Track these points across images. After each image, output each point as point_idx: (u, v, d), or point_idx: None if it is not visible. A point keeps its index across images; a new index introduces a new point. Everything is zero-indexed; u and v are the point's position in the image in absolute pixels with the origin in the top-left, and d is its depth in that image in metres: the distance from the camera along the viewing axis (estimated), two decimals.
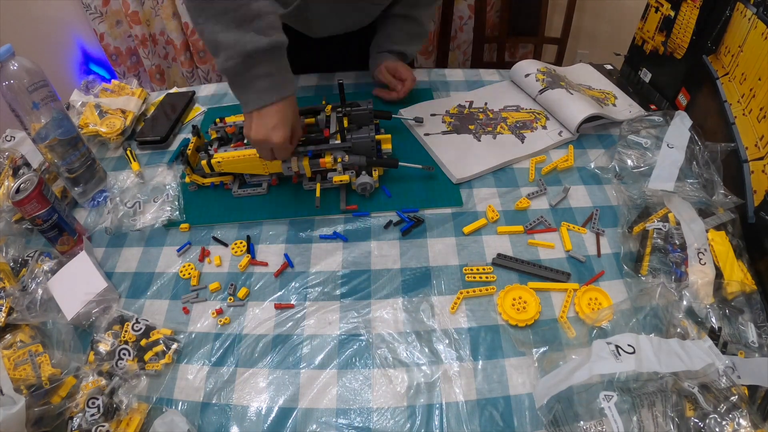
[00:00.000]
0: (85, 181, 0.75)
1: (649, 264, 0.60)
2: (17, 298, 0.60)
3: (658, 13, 0.83)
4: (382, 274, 0.64)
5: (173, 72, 1.97)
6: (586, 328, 0.56)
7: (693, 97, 0.78)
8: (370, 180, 0.70)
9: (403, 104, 0.89)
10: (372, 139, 0.72)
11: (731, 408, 0.45)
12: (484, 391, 0.52)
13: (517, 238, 0.67)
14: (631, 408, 0.45)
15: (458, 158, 0.77)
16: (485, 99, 0.90)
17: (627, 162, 0.72)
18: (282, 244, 0.68)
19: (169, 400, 0.54)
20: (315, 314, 0.60)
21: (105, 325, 0.59)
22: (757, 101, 0.63)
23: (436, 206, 0.71)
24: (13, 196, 0.62)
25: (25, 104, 0.65)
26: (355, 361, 0.56)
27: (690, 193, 0.65)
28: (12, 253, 0.66)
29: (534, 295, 0.59)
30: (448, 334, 0.57)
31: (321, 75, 1.01)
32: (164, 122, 0.89)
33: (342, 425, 0.51)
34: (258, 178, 0.76)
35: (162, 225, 0.72)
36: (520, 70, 0.92)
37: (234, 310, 0.61)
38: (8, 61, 0.62)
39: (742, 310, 0.55)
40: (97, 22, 1.73)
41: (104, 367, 0.55)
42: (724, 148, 0.68)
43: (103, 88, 0.93)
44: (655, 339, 0.50)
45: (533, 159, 0.78)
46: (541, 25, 1.66)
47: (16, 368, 0.54)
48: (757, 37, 0.63)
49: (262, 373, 0.55)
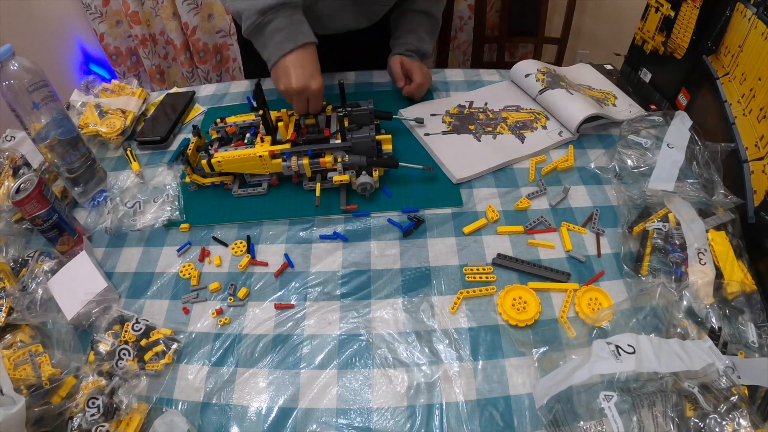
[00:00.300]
0: (85, 181, 0.75)
1: (649, 264, 0.60)
2: (17, 298, 0.60)
3: (658, 13, 0.83)
4: (382, 274, 0.64)
5: (173, 72, 1.97)
6: (586, 328, 0.56)
7: (693, 97, 0.78)
8: (370, 180, 0.70)
9: (403, 105, 0.89)
10: (372, 139, 0.72)
11: (731, 408, 0.45)
12: (484, 391, 0.52)
13: (517, 238, 0.67)
14: (631, 408, 0.45)
15: (458, 158, 0.77)
16: (485, 99, 0.90)
17: (627, 162, 0.72)
18: (282, 244, 0.68)
19: (169, 400, 0.54)
20: (315, 314, 0.60)
21: (105, 325, 0.59)
22: (757, 101, 0.63)
23: (436, 206, 0.71)
24: (13, 196, 0.62)
25: (25, 104, 0.65)
26: (355, 361, 0.56)
27: (690, 193, 0.65)
28: (12, 253, 0.66)
29: (534, 295, 0.59)
30: (448, 334, 0.57)
31: (322, 75, 1.01)
32: (164, 122, 0.89)
33: (342, 425, 0.51)
34: (258, 178, 0.76)
35: (162, 225, 0.72)
36: (520, 70, 0.92)
37: (234, 310, 0.61)
38: (8, 61, 0.62)
39: (742, 310, 0.55)
40: (97, 22, 1.73)
41: (104, 367, 0.55)
42: (724, 148, 0.68)
43: (103, 88, 0.93)
44: (655, 339, 0.50)
45: (533, 159, 0.78)
46: (541, 25, 1.67)
47: (16, 368, 0.54)
48: (757, 37, 0.63)
49: (262, 373, 0.55)
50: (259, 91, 0.70)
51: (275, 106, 0.79)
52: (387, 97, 0.93)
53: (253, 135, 0.76)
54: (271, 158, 0.71)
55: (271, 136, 0.74)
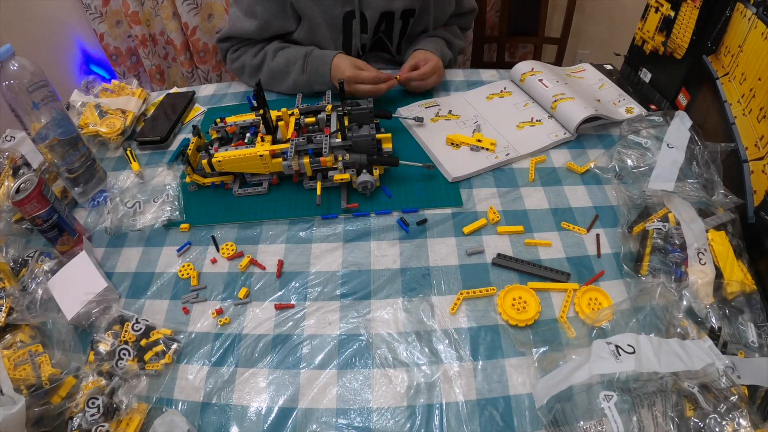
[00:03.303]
0: (85, 181, 0.75)
1: (649, 264, 0.60)
2: (17, 298, 0.60)
3: (658, 14, 0.83)
4: (382, 274, 0.64)
5: (173, 72, 1.97)
6: (586, 328, 0.56)
7: (693, 97, 0.78)
8: (371, 178, 0.70)
9: (403, 104, 0.89)
10: (372, 137, 0.72)
11: (731, 408, 0.45)
12: (484, 391, 0.52)
13: (517, 238, 0.67)
14: (631, 408, 0.45)
15: (455, 157, 0.78)
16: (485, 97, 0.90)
17: (627, 162, 0.72)
18: (282, 244, 0.68)
19: (169, 400, 0.54)
20: (315, 314, 0.60)
21: (105, 325, 0.59)
22: (757, 101, 0.63)
23: (436, 206, 0.71)
24: (13, 196, 0.62)
25: (25, 104, 0.65)
26: (355, 361, 0.56)
27: (690, 193, 0.65)
28: (12, 253, 0.66)
29: (534, 295, 0.59)
30: (448, 334, 0.57)
31: None
32: (164, 122, 0.89)
33: (342, 425, 0.51)
34: (258, 178, 0.76)
35: (162, 225, 0.72)
36: (521, 71, 0.92)
37: (234, 310, 0.61)
38: (8, 61, 0.62)
39: (742, 310, 0.55)
40: (97, 23, 1.73)
41: (104, 367, 0.55)
42: (724, 148, 0.68)
43: (103, 88, 0.93)
44: (655, 339, 0.50)
45: (533, 159, 0.78)
46: (541, 25, 1.66)
47: (16, 368, 0.54)
48: (757, 37, 0.63)
49: (262, 373, 0.55)
50: (259, 91, 0.70)
51: (275, 105, 0.79)
52: (386, 97, 0.93)
53: (253, 135, 0.76)
54: (271, 157, 0.71)
55: (271, 136, 0.74)
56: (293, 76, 0.91)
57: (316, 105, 0.79)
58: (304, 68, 0.89)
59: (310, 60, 0.89)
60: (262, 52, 0.93)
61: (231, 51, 0.97)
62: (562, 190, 0.73)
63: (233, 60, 0.97)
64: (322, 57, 0.88)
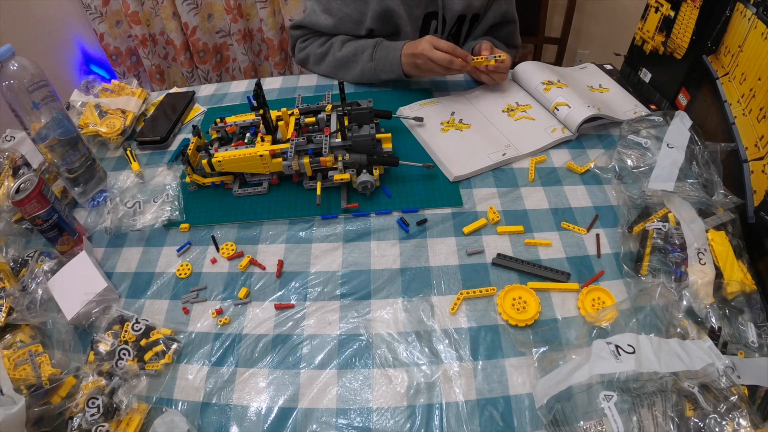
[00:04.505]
0: (85, 181, 0.75)
1: (649, 264, 0.60)
2: (17, 298, 0.60)
3: (658, 13, 0.83)
4: (382, 274, 0.64)
5: (173, 72, 1.97)
6: (587, 328, 0.56)
7: (693, 97, 0.78)
8: (371, 178, 0.70)
9: (402, 104, 0.89)
10: (373, 137, 0.72)
11: (731, 408, 0.45)
12: (484, 391, 0.52)
13: (517, 238, 0.67)
14: (631, 408, 0.45)
15: (456, 156, 0.78)
16: (485, 98, 0.90)
17: (627, 162, 0.72)
18: (282, 244, 0.68)
19: (169, 400, 0.54)
20: (315, 314, 0.60)
21: (105, 325, 0.59)
22: (757, 101, 0.63)
23: (436, 206, 0.71)
24: (13, 196, 0.62)
25: (25, 104, 0.65)
26: (355, 361, 0.56)
27: (690, 193, 0.65)
28: (12, 253, 0.66)
29: (534, 295, 0.59)
30: (448, 334, 0.57)
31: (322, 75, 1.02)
32: (164, 122, 0.89)
33: (342, 425, 0.51)
34: (258, 178, 0.76)
35: (162, 225, 0.72)
36: (521, 71, 0.92)
37: (234, 310, 0.61)
38: (8, 61, 0.62)
39: (742, 310, 0.55)
40: (97, 22, 1.73)
41: (104, 367, 0.55)
42: (724, 148, 0.68)
43: (103, 88, 0.93)
44: (655, 339, 0.50)
45: (533, 159, 0.78)
46: (541, 25, 1.67)
47: (16, 368, 0.54)
48: (757, 37, 0.63)
49: (262, 373, 0.55)
50: (259, 91, 0.70)
51: (275, 105, 0.79)
52: (386, 97, 0.93)
53: (253, 134, 0.76)
54: (271, 157, 0.71)
55: (271, 136, 0.74)
56: (361, 65, 0.93)
57: (316, 105, 0.79)
58: (372, 56, 0.91)
59: (379, 48, 0.91)
60: (329, 42, 0.96)
61: (300, 41, 1.01)
62: (562, 190, 0.73)
63: (301, 50, 1.01)
64: (392, 45, 0.90)
